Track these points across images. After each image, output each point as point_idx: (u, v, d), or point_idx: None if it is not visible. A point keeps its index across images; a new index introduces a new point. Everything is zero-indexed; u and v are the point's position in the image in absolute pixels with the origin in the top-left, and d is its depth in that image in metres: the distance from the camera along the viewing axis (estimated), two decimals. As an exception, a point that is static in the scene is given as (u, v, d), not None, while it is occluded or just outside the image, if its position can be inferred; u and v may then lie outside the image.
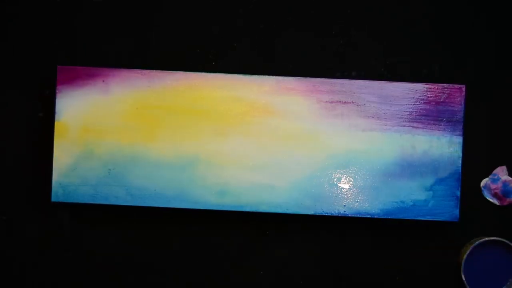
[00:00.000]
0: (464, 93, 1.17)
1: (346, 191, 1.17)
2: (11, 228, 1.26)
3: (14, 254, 1.26)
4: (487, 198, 1.22)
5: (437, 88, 1.17)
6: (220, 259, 1.24)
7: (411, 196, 1.16)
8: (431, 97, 1.17)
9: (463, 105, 1.17)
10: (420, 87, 1.17)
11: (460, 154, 1.16)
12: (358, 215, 1.16)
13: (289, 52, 1.25)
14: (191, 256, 1.25)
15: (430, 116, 1.17)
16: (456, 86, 1.17)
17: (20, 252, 1.26)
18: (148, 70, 1.18)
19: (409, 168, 1.17)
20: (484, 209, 1.23)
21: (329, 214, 1.16)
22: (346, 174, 1.17)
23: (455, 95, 1.17)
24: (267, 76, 1.17)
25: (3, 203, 1.26)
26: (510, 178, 1.21)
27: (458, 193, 1.16)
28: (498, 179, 1.22)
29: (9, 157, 1.25)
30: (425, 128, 1.17)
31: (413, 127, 1.17)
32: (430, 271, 1.23)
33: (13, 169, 1.25)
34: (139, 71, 1.18)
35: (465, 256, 1.16)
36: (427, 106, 1.17)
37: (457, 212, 1.16)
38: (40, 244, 1.25)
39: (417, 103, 1.17)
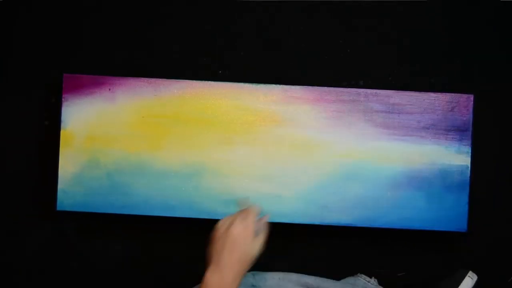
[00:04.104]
0: (472, 102, 1.16)
1: (353, 201, 1.16)
2: (16, 236, 1.25)
3: (19, 262, 1.25)
4: None
5: (445, 98, 1.16)
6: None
7: (418, 206, 1.15)
8: (439, 106, 1.16)
9: (471, 115, 1.16)
10: (428, 96, 1.16)
11: (469, 164, 1.15)
12: (365, 225, 1.15)
13: (296, 60, 1.24)
14: (196, 266, 1.24)
15: (438, 125, 1.16)
16: (464, 95, 1.16)
17: (24, 260, 1.25)
18: (154, 79, 1.17)
19: (416, 178, 1.16)
20: (492, 220, 1.22)
21: (335, 224, 1.16)
22: (353, 184, 1.16)
23: (463, 104, 1.16)
24: (273, 85, 1.17)
25: (8, 211, 1.25)
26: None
27: (467, 204, 1.15)
28: None
29: (15, 165, 1.25)
30: (433, 138, 1.16)
31: (421, 136, 1.16)
32: (438, 281, 1.22)
33: (19, 177, 1.25)
34: (145, 79, 1.17)
35: None
36: (435, 116, 1.16)
37: (465, 222, 1.15)
38: (44, 252, 1.25)
39: (425, 112, 1.16)
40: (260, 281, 1.05)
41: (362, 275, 1.17)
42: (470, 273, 1.13)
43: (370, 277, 1.17)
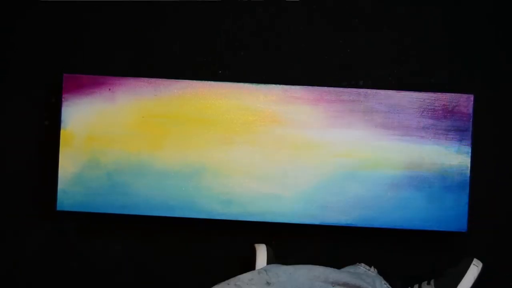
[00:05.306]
0: (472, 102, 1.16)
1: (353, 201, 1.16)
2: (16, 236, 1.25)
3: (19, 262, 1.25)
4: None
5: (445, 98, 1.16)
6: (225, 268, 1.23)
7: (418, 206, 1.15)
8: (439, 106, 1.16)
9: (471, 115, 1.16)
10: (428, 96, 1.16)
11: (469, 164, 1.15)
12: (365, 225, 1.15)
13: (296, 60, 1.24)
14: (197, 265, 1.24)
15: (438, 125, 1.16)
16: (464, 95, 1.16)
17: (25, 260, 1.25)
18: (154, 79, 1.17)
19: (417, 178, 1.16)
20: (492, 220, 1.22)
21: (335, 224, 1.15)
22: (353, 184, 1.16)
23: (463, 104, 1.16)
24: (273, 85, 1.17)
25: (8, 211, 1.25)
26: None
27: (466, 204, 1.15)
28: None
29: (15, 165, 1.25)
30: (433, 138, 1.16)
31: (421, 136, 1.16)
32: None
33: (19, 177, 1.25)
34: (145, 79, 1.17)
35: None
36: (435, 116, 1.16)
37: (465, 222, 1.15)
38: (44, 252, 1.25)
39: (425, 112, 1.16)
40: (274, 278, 1.07)
41: (362, 263, 1.17)
42: (475, 261, 1.13)
43: (370, 266, 1.17)
